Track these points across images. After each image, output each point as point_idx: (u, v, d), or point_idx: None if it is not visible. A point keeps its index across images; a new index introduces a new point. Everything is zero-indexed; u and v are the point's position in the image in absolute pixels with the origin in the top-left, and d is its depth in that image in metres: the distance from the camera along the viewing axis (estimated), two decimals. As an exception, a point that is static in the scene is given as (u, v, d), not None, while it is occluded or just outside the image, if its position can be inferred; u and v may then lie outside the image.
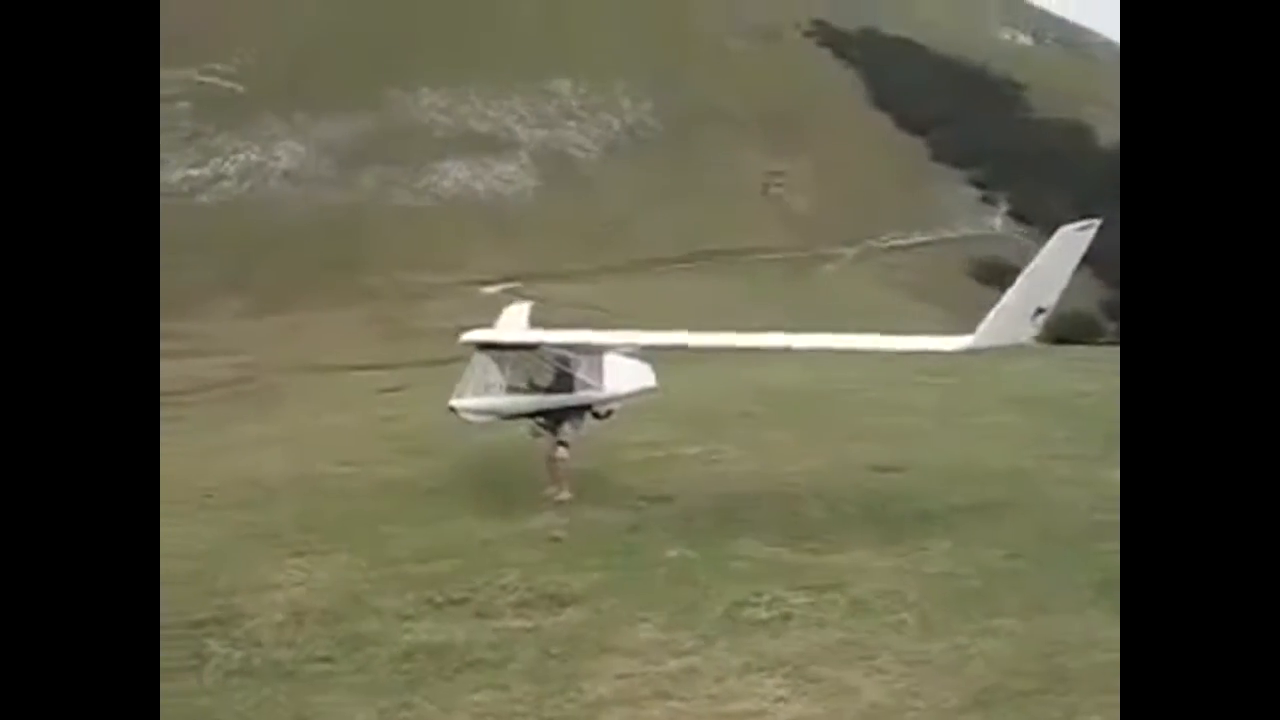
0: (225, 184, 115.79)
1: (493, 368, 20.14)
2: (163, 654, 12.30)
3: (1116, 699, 10.33)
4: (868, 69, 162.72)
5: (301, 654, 12.75)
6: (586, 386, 20.51)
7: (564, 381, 20.29)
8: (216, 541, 18.04)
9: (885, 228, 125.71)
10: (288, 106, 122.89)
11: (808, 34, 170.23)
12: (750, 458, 23.06)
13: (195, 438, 30.99)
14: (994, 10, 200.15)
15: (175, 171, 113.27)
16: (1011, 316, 17.04)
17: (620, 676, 11.58)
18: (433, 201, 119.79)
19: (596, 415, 21.20)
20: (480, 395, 20.04)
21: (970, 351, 17.59)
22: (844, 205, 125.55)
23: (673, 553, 16.15)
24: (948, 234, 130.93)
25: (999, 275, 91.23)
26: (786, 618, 13.26)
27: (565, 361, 20.22)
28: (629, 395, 21.50)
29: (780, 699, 10.86)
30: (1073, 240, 16.87)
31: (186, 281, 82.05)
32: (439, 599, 14.52)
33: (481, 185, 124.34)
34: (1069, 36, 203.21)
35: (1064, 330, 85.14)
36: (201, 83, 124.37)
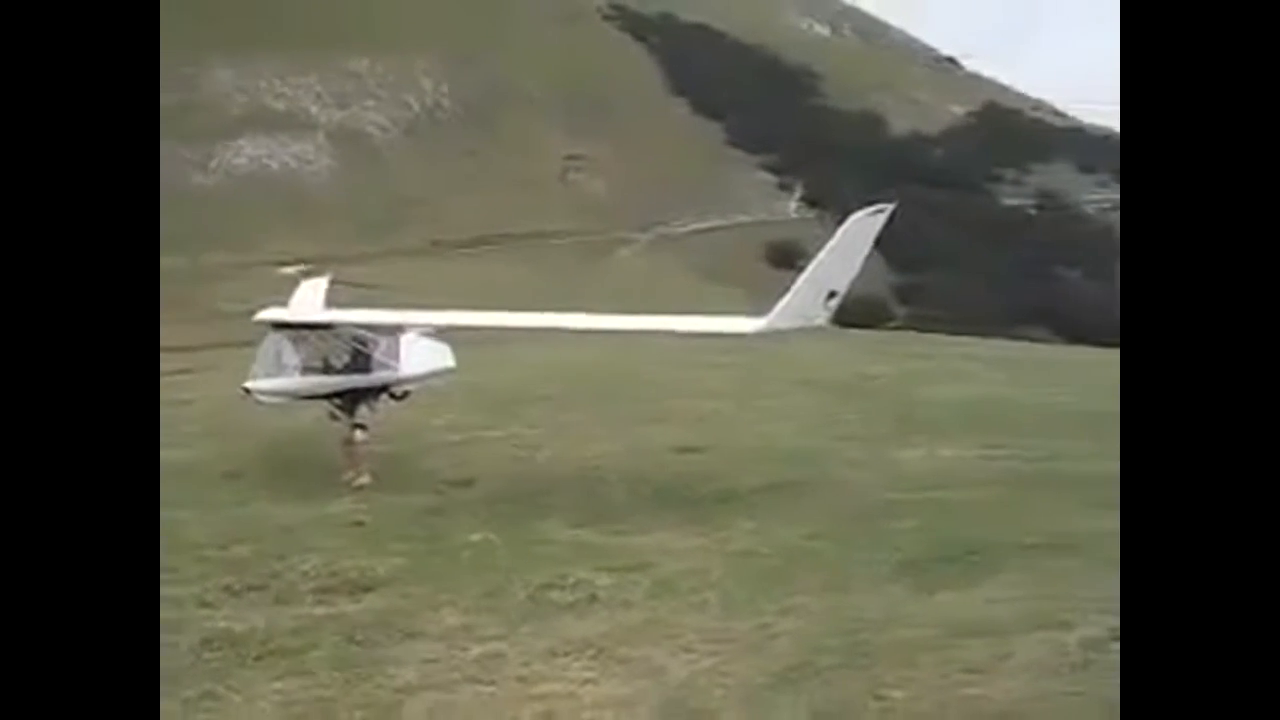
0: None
1: (288, 348, 19.79)
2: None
3: (917, 674, 10.70)
4: (666, 54, 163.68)
5: (95, 643, 12.40)
6: (383, 367, 20.29)
7: (360, 362, 20.04)
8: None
9: (682, 212, 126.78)
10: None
11: (607, 17, 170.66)
12: (551, 441, 23.15)
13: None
14: (795, 2, 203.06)
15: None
16: (804, 300, 17.28)
17: (426, 661, 11.49)
18: (226, 181, 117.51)
19: (393, 396, 20.99)
20: (275, 376, 19.68)
21: (764, 333, 17.82)
22: (641, 190, 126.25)
23: (475, 536, 16.10)
24: (743, 219, 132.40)
25: (793, 259, 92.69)
26: (591, 599, 13.30)
27: (362, 342, 19.97)
28: (426, 375, 21.33)
29: (588, 681, 10.87)
30: (864, 226, 17.20)
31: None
32: (238, 586, 14.25)
33: (277, 164, 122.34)
34: (865, 27, 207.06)
35: (853, 314, 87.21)
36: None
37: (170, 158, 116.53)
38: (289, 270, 78.44)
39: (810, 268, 17.32)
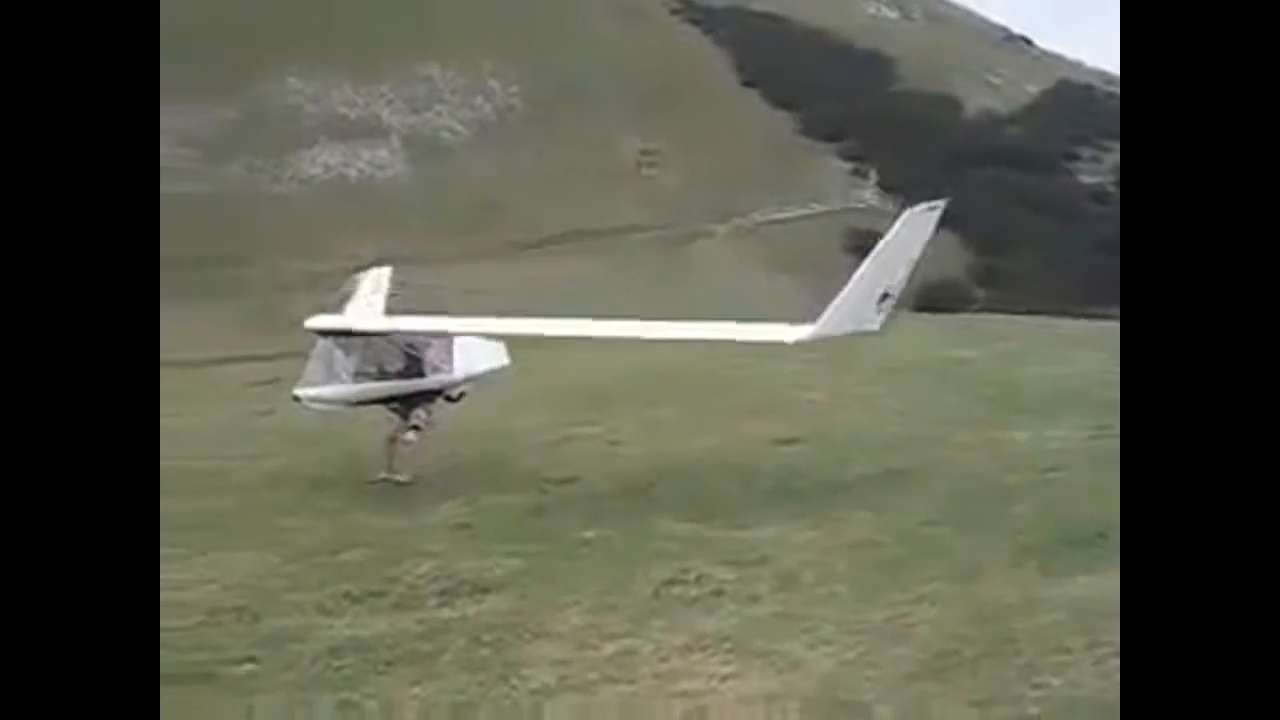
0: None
1: (339, 354, 19.66)
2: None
3: (1069, 659, 10.46)
4: (735, 45, 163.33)
5: (222, 655, 12.34)
6: (437, 370, 20.13)
7: (414, 366, 19.88)
8: (113, 542, 17.50)
9: (757, 203, 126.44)
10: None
11: (674, 11, 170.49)
12: (648, 436, 22.96)
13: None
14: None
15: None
16: (856, 303, 16.80)
17: (559, 662, 11.37)
18: (303, 189, 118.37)
19: (449, 399, 20.85)
20: (326, 383, 19.54)
21: (811, 340, 17.44)
22: (716, 182, 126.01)
23: (588, 534, 15.97)
24: (819, 207, 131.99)
25: (871, 247, 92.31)
26: (718, 594, 13.14)
27: (414, 346, 19.82)
28: (481, 376, 21.14)
29: (729, 676, 10.74)
30: (919, 222, 16.71)
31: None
32: (356, 592, 14.18)
33: (353, 171, 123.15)
34: (934, 9, 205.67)
35: (933, 298, 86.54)
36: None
37: (245, 168, 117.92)
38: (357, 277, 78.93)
39: (861, 269, 16.86)
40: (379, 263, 23.41)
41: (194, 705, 11.09)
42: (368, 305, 22.75)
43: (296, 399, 19.54)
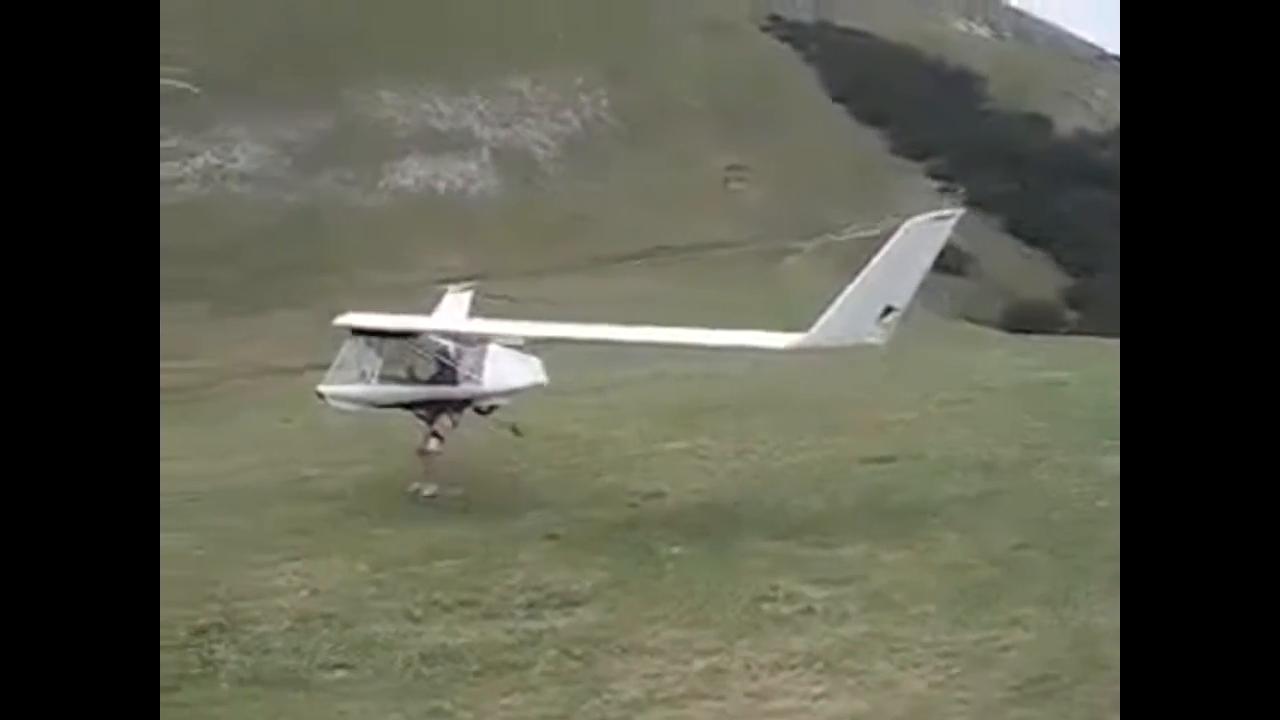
0: (183, 187, 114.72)
1: (368, 354, 19.58)
2: (171, 662, 12.14)
3: (1167, 688, 10.31)
4: (824, 62, 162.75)
5: (314, 660, 12.45)
6: (466, 380, 19.99)
7: (443, 374, 19.76)
8: (208, 546, 17.72)
9: (845, 220, 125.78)
10: (245, 108, 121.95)
11: (764, 28, 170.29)
12: (736, 452, 22.88)
13: (166, 442, 30.55)
14: (951, 2, 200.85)
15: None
16: (852, 314, 16.30)
17: (648, 676, 11.38)
18: (392, 201, 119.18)
19: (479, 410, 20.73)
20: (351, 382, 19.45)
21: (801, 350, 17.10)
22: (804, 199, 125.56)
23: (676, 549, 15.96)
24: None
25: (960, 264, 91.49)
26: (807, 612, 13.10)
27: (445, 353, 19.71)
28: (513, 391, 20.95)
29: (820, 695, 10.70)
30: (923, 234, 16.09)
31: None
32: (447, 601, 14.27)
33: (441, 183, 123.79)
34: (1026, 27, 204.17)
35: (1024, 319, 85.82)
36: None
37: (336, 180, 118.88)
38: (454, 288, 79.35)
39: (859, 278, 16.39)
40: (466, 275, 23.35)
41: (287, 710, 11.21)
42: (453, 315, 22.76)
43: (320, 395, 19.52)
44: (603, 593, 14.28)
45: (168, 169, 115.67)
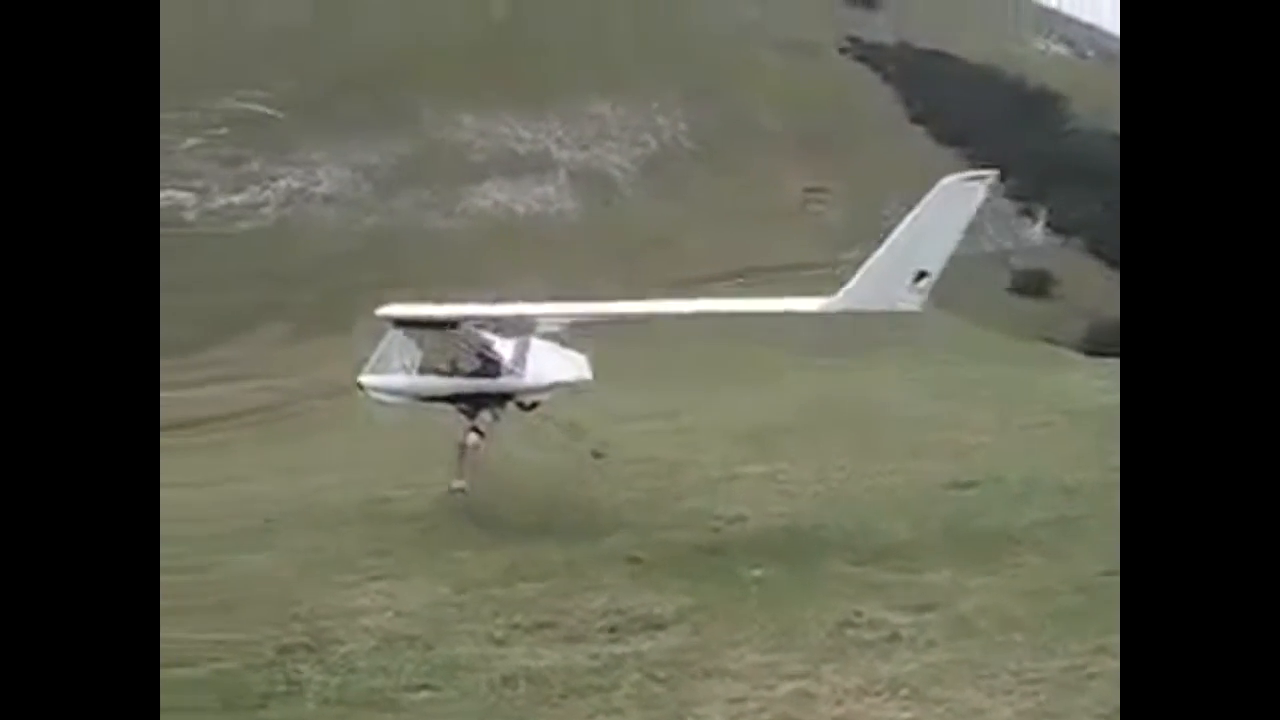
0: (265, 210, 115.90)
1: (410, 346, 19.47)
2: (258, 681, 12.25)
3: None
4: (903, 83, 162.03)
5: (399, 681, 12.51)
6: (509, 374, 19.82)
7: (484, 367, 19.61)
8: (290, 567, 17.88)
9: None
10: (326, 131, 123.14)
11: (842, 49, 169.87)
12: (816, 475, 22.79)
13: (245, 463, 30.89)
14: (1030, 21, 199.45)
15: (217, 199, 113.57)
16: (883, 277, 15.92)
17: (733, 701, 11.34)
18: (471, 223, 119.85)
19: (521, 406, 20.61)
20: (391, 374, 19.35)
21: (832, 312, 16.76)
22: (883, 220, 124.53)
23: (759, 573, 15.90)
24: (987, 247, 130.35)
25: (1041, 287, 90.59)
26: (892, 638, 12.99)
27: (487, 346, 19.55)
28: (556, 386, 20.78)
29: (911, 722, 10.64)
30: (957, 195, 15.69)
31: (228, 307, 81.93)
32: (528, 623, 14.30)
33: (520, 206, 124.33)
34: (1107, 46, 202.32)
35: (1106, 341, 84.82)
36: (240, 109, 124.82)
37: (414, 202, 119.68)
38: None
39: (891, 239, 15.97)
40: (545, 297, 23.44)
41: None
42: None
43: (360, 387, 19.48)
44: (686, 616, 14.26)
45: (250, 193, 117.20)
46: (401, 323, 19.61)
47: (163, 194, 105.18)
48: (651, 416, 29.38)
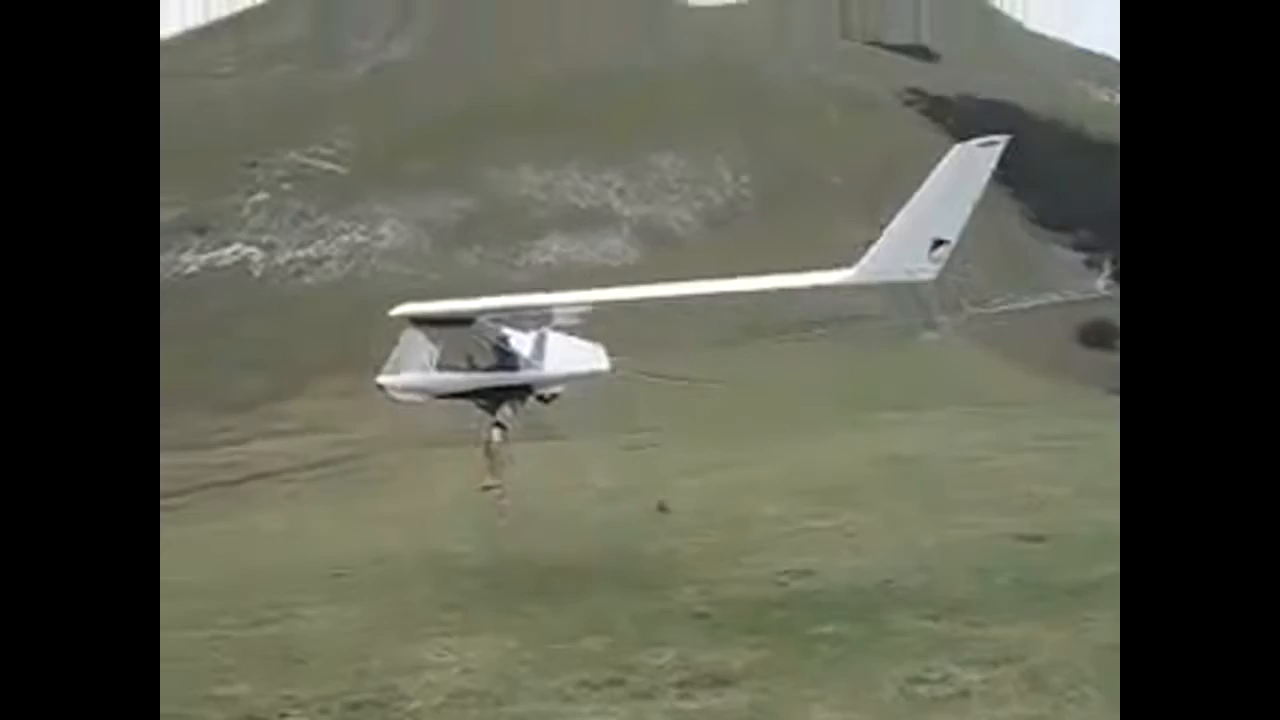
0: (330, 264, 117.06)
1: (426, 344, 19.33)
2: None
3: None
4: (966, 134, 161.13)
5: (470, 738, 12.48)
6: (527, 366, 19.63)
7: (503, 360, 19.44)
8: (359, 621, 17.90)
9: (988, 293, 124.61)
10: (389, 187, 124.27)
11: (906, 102, 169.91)
12: (886, 529, 22.63)
13: (312, 516, 31.06)
14: (1092, 72, 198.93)
15: (283, 254, 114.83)
16: (901, 245, 15.60)
17: (806, 759, 11.23)
18: (533, 277, 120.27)
19: (541, 399, 20.43)
20: (410, 372, 19.20)
21: (856, 285, 16.49)
22: (946, 272, 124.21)
23: (827, 628, 15.74)
24: (1053, 297, 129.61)
25: (1107, 338, 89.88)
26: (964, 694, 12.81)
27: (504, 339, 19.38)
28: (573, 377, 20.56)
29: (983, 779, 10.48)
30: (971, 160, 15.41)
31: (293, 361, 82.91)
32: (597, 680, 14.19)
33: (583, 260, 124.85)
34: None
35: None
36: (305, 165, 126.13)
37: (477, 257, 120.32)
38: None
39: (907, 208, 15.65)
40: (609, 351, 23.37)
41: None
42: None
43: (380, 387, 19.37)
44: (754, 672, 14.12)
45: (315, 248, 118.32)
46: (418, 321, 19.46)
47: (230, 249, 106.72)
48: (716, 470, 29.34)
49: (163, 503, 45.59)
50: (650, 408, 57.18)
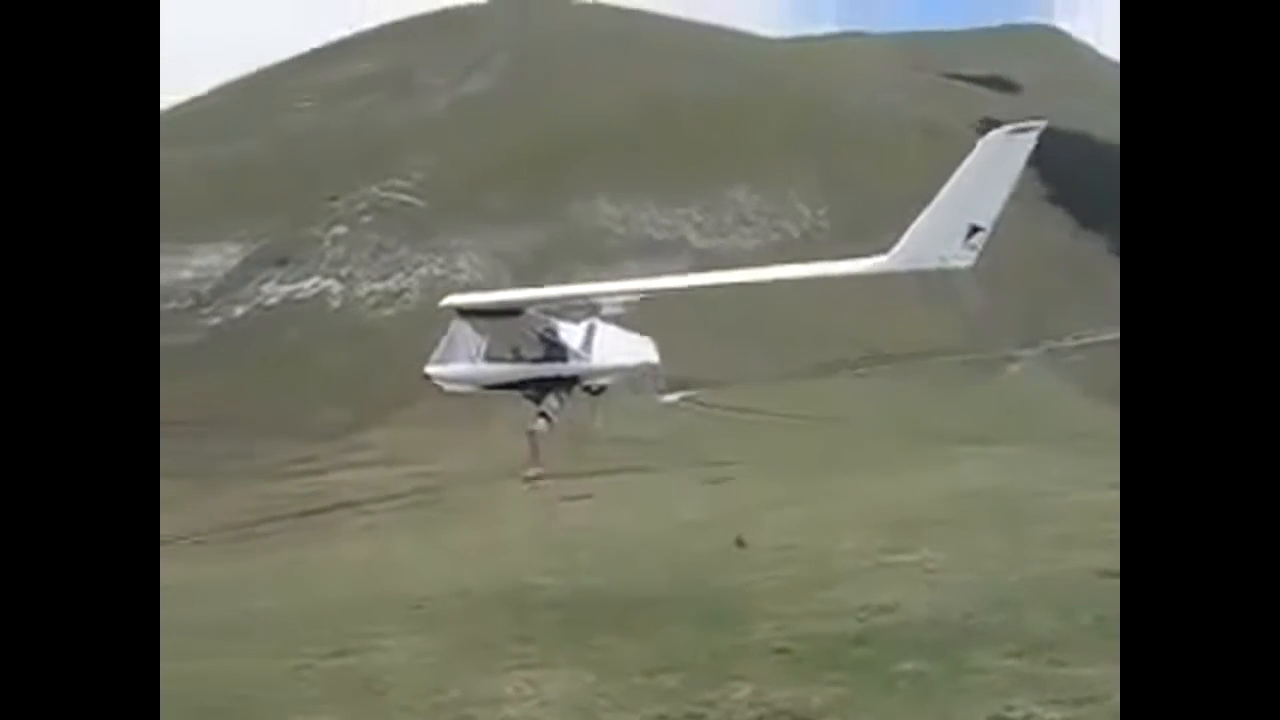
0: (408, 296, 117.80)
1: (474, 335, 19.10)
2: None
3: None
4: (1041, 163, 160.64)
5: (543, 774, 12.49)
6: (575, 358, 19.37)
7: (551, 351, 19.21)
8: (436, 653, 17.99)
9: (1067, 326, 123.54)
10: (467, 219, 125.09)
11: (980, 132, 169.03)
12: (964, 565, 22.42)
13: (393, 547, 31.21)
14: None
15: (361, 286, 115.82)
16: (936, 233, 15.34)
17: (886, 799, 11.15)
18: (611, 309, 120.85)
19: (589, 390, 20.22)
20: (458, 363, 18.97)
21: (889, 272, 16.23)
22: (1024, 304, 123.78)
23: (907, 665, 15.63)
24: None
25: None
26: (1047, 734, 12.71)
27: (553, 331, 19.16)
28: (622, 369, 20.29)
29: (1068, 823, 10.36)
30: (1005, 148, 15.14)
31: (373, 392, 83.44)
32: (675, 715, 14.19)
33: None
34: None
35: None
36: (383, 198, 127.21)
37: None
38: (671, 397, 79.67)
39: (941, 195, 15.34)
40: (682, 384, 23.07)
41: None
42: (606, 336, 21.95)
43: (426, 377, 19.19)
44: (833, 709, 14.05)
45: (394, 280, 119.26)
46: (465, 312, 19.26)
47: (309, 281, 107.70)
48: (793, 503, 29.22)
49: (246, 530, 46.15)
50: (729, 441, 57.17)
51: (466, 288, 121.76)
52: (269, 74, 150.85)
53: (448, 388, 19.35)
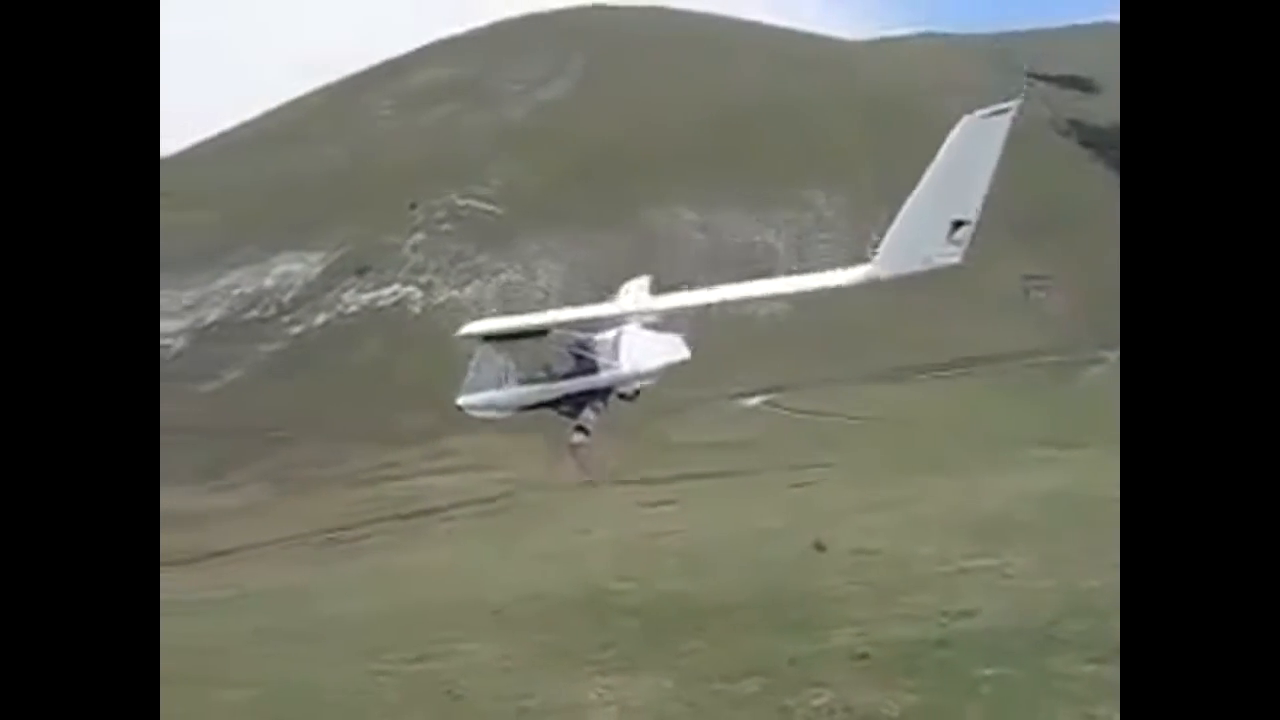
0: (487, 303, 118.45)
1: (502, 358, 19.00)
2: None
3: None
4: (1125, 165, 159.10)
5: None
6: (606, 367, 19.23)
7: (582, 364, 19.07)
8: (517, 658, 18.08)
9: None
10: (545, 227, 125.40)
11: (1063, 133, 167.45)
12: (1044, 570, 22.21)
13: (472, 553, 31.33)
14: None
15: (441, 293, 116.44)
16: (918, 232, 14.68)
17: (965, 803, 11.12)
18: (686, 318, 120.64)
19: (623, 396, 20.05)
20: (489, 389, 18.88)
21: (875, 281, 15.79)
22: (1106, 307, 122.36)
23: (989, 670, 15.56)
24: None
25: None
26: (1127, 740, 12.58)
27: (581, 344, 19.03)
28: (653, 372, 20.11)
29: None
30: (981, 131, 14.60)
31: (454, 399, 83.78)
32: (754, 720, 14.22)
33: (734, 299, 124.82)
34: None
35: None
36: (462, 206, 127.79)
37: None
38: (751, 401, 79.43)
39: (917, 191, 14.80)
40: (763, 388, 22.85)
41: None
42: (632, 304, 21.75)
43: (459, 409, 19.12)
44: (913, 715, 14.03)
45: (473, 288, 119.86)
46: (490, 338, 19.22)
47: (389, 289, 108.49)
48: (874, 508, 29.09)
49: (331, 536, 46.43)
50: (809, 445, 56.88)
51: (544, 295, 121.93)
52: (349, 83, 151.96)
53: (484, 415, 19.25)
